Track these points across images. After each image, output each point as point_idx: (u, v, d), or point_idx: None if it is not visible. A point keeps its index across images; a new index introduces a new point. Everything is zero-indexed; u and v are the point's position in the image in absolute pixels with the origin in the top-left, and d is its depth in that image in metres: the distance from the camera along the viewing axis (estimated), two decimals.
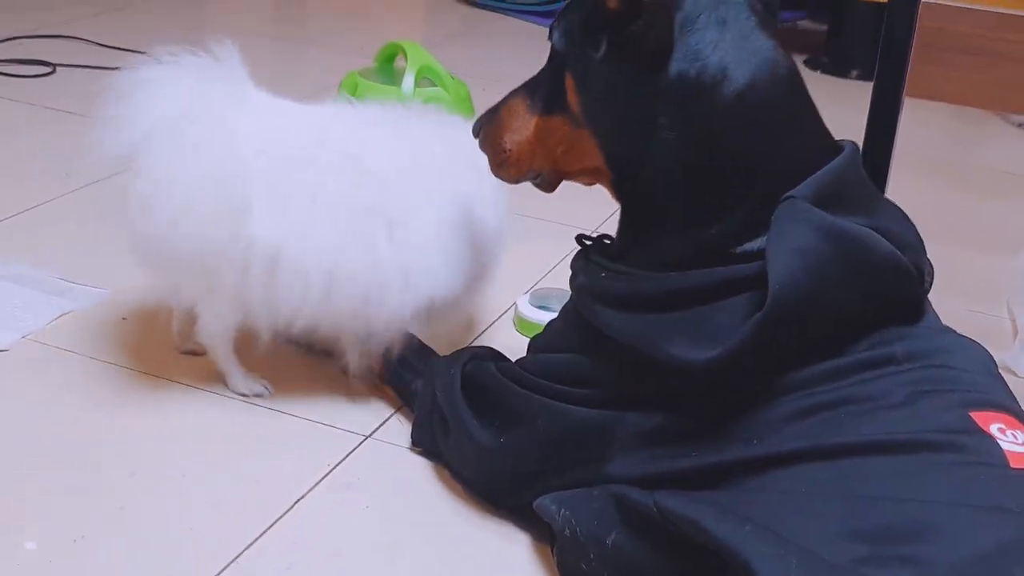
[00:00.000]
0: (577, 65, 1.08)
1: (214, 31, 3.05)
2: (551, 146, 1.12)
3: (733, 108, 1.00)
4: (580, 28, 1.07)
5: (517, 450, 1.12)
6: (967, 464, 0.88)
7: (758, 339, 0.94)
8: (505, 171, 1.18)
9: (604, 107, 1.07)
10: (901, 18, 1.45)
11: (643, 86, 1.02)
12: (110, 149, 1.30)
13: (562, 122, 1.10)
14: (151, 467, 1.22)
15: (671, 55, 1.01)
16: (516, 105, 1.15)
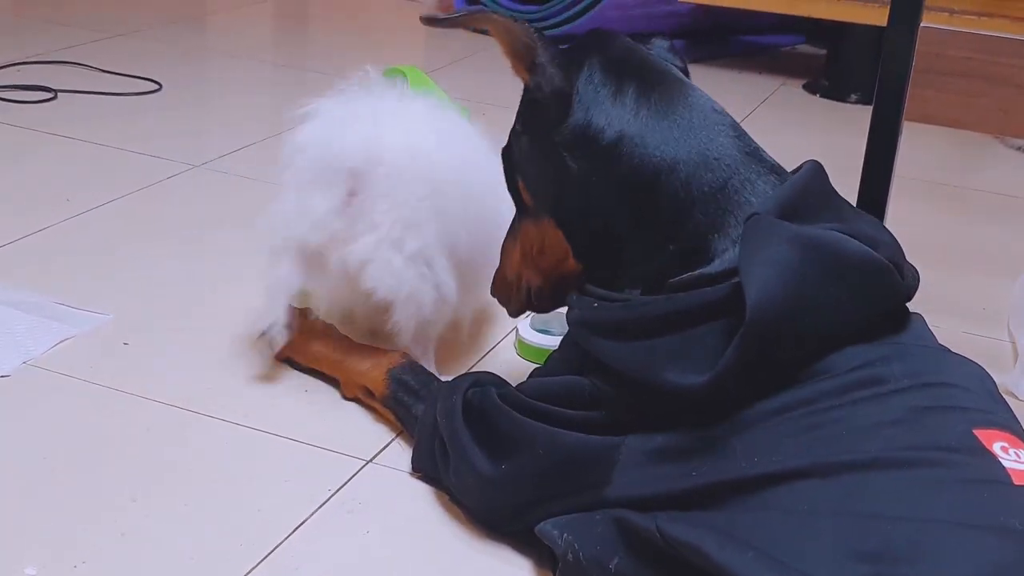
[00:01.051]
0: (518, 163, 1.20)
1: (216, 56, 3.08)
2: (529, 253, 1.22)
3: (638, 144, 1.09)
4: (519, 123, 1.19)
5: (518, 476, 1.12)
6: (970, 482, 0.88)
7: (744, 355, 0.95)
8: (511, 305, 1.31)
9: (539, 181, 1.18)
10: (900, 43, 1.46)
11: (555, 142, 1.13)
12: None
13: (528, 224, 1.21)
14: (152, 493, 1.22)
15: (572, 109, 1.12)
16: (505, 243, 1.28)
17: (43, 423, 1.34)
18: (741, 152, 1.09)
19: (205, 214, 1.96)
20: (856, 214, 1.08)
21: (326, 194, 1.34)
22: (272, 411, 1.38)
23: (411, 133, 1.35)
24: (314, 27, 3.60)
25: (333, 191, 1.34)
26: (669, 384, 1.00)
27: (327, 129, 1.37)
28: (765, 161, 1.10)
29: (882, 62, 1.48)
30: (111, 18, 3.15)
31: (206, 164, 2.17)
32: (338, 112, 1.39)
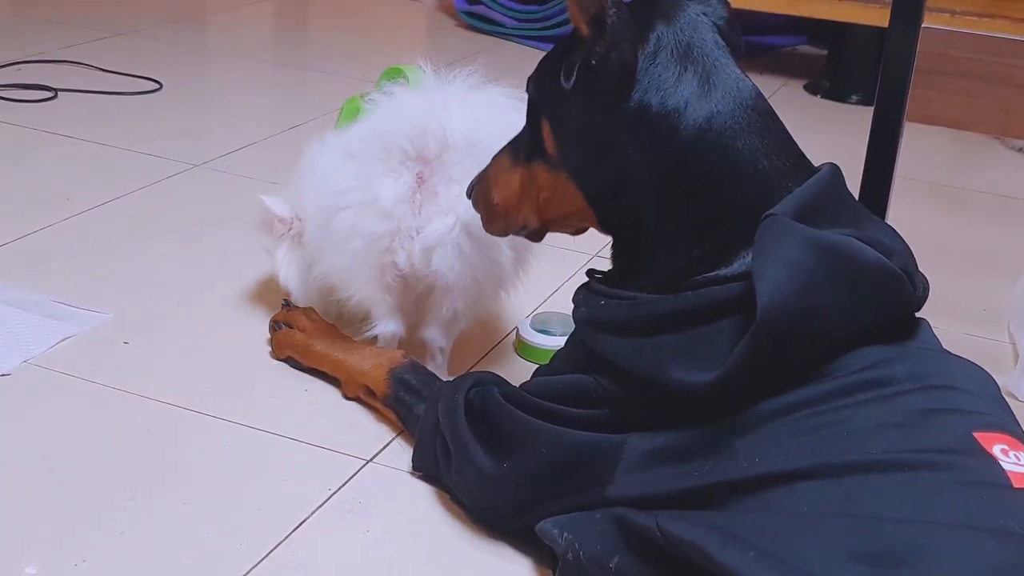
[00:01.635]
0: (551, 107, 1.12)
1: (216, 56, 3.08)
2: (534, 194, 1.16)
3: (696, 136, 1.03)
4: (553, 68, 1.10)
5: (520, 475, 1.12)
6: (970, 485, 0.88)
7: (754, 355, 0.95)
8: (494, 225, 1.23)
9: (577, 143, 1.10)
10: (901, 43, 1.46)
11: (610, 116, 1.06)
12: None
13: (542, 168, 1.14)
14: (152, 492, 1.22)
15: (635, 85, 1.05)
16: (502, 161, 1.20)
17: (43, 422, 1.34)
18: (782, 158, 1.06)
19: (205, 213, 1.96)
20: (871, 220, 1.07)
21: (395, 179, 1.34)
22: (272, 411, 1.38)
23: (475, 119, 1.34)
24: (314, 27, 3.60)
25: (402, 177, 1.33)
26: (676, 382, 1.00)
27: (392, 117, 1.37)
28: (800, 165, 1.07)
29: (883, 63, 1.48)
30: (111, 17, 3.15)
31: (206, 163, 2.17)
32: (401, 101, 1.39)
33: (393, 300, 1.40)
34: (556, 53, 1.13)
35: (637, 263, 1.09)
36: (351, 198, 1.35)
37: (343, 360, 1.42)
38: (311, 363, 1.46)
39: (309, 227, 1.46)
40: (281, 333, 1.49)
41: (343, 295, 1.42)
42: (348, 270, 1.38)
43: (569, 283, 1.70)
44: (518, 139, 1.19)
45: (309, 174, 1.47)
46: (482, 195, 1.22)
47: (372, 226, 1.34)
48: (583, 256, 1.74)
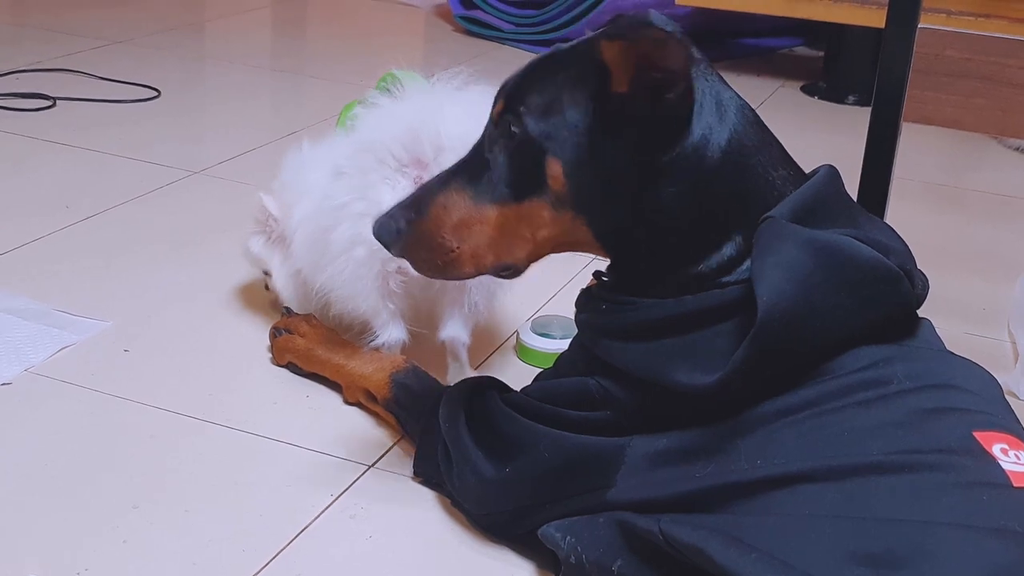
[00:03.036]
0: (564, 148, 1.05)
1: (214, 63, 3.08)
2: (526, 234, 1.09)
3: (720, 161, 1.03)
4: (563, 106, 1.05)
5: (522, 479, 1.12)
6: (970, 485, 0.89)
7: (755, 356, 0.95)
8: (456, 270, 1.11)
9: (600, 186, 1.05)
10: (898, 44, 1.46)
11: (649, 160, 1.03)
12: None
13: (541, 207, 1.07)
14: (154, 499, 1.22)
15: (687, 135, 1.03)
16: (453, 198, 1.10)
17: (44, 430, 1.34)
18: (784, 167, 1.07)
19: (204, 220, 1.96)
20: (869, 220, 1.08)
21: (392, 186, 1.33)
22: (273, 417, 1.38)
23: (468, 117, 1.34)
24: (312, 33, 3.61)
25: (399, 183, 1.33)
26: (678, 384, 1.00)
27: (377, 128, 1.37)
28: (798, 172, 1.08)
29: (880, 64, 1.48)
30: (110, 25, 3.15)
31: (205, 170, 2.17)
32: (385, 111, 1.39)
33: (395, 307, 1.40)
34: (559, 88, 1.06)
35: (640, 274, 1.09)
36: (349, 210, 1.35)
37: (344, 365, 1.42)
38: (312, 369, 1.47)
39: (298, 243, 1.46)
40: (282, 339, 1.49)
41: (344, 308, 1.42)
42: (351, 280, 1.37)
43: (569, 286, 1.70)
44: (470, 173, 1.10)
45: (295, 188, 1.48)
46: (425, 240, 1.10)
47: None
48: (583, 259, 1.74)
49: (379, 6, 3.73)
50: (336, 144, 1.46)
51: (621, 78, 1.01)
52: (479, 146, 1.11)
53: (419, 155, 1.33)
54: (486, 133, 1.11)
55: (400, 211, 1.11)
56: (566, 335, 1.48)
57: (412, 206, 1.11)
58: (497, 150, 1.08)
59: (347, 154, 1.39)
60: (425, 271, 1.13)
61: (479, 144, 1.11)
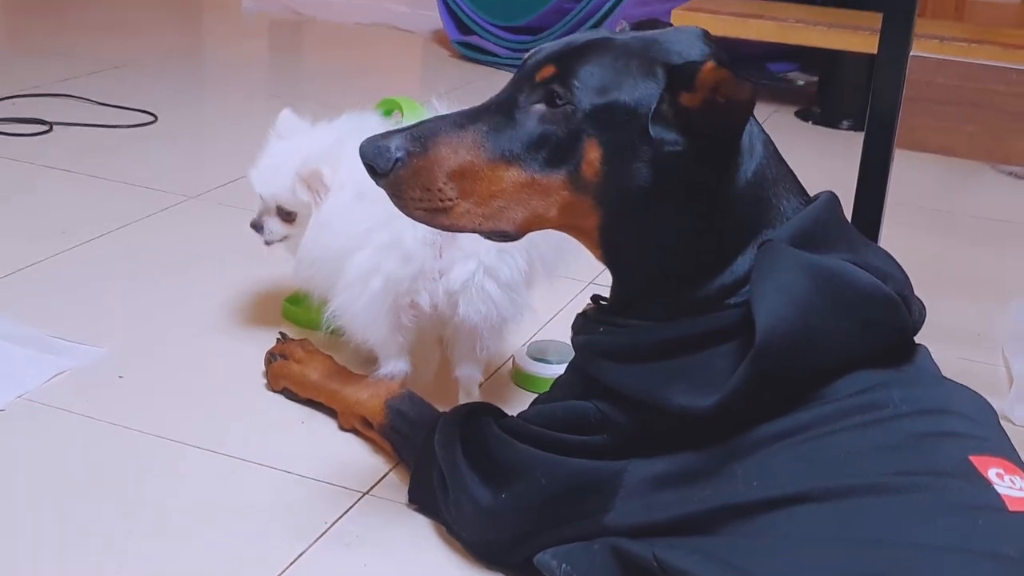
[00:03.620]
0: (614, 139, 1.01)
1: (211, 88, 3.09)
2: (538, 205, 1.04)
3: (742, 191, 1.04)
4: (636, 107, 1.01)
5: (518, 505, 1.12)
6: (965, 508, 0.89)
7: (754, 379, 0.96)
8: (446, 220, 1.04)
9: (629, 184, 1.02)
10: (890, 71, 1.47)
11: (684, 180, 1.03)
12: None
13: (563, 185, 1.03)
14: (148, 527, 1.22)
15: (741, 163, 1.04)
16: (467, 145, 1.03)
17: (38, 457, 1.33)
18: (796, 195, 1.08)
19: (201, 245, 1.97)
20: (867, 246, 1.08)
21: (416, 224, 1.32)
22: (268, 443, 1.38)
23: None
24: (309, 59, 3.62)
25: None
26: (677, 406, 1.00)
27: None
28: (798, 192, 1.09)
29: (873, 91, 1.49)
30: (107, 51, 3.17)
31: (201, 195, 2.17)
32: None
33: (404, 340, 1.40)
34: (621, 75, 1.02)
35: (639, 294, 1.09)
36: (372, 238, 1.35)
37: (339, 391, 1.42)
38: (307, 394, 1.46)
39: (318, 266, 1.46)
40: (277, 365, 1.49)
41: (352, 334, 1.42)
42: (363, 310, 1.37)
43: (565, 311, 1.71)
44: (490, 124, 1.04)
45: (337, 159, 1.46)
46: (423, 177, 1.02)
47: (394, 267, 1.34)
48: (579, 284, 1.74)
49: (376, 32, 3.75)
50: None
51: (698, 98, 1.00)
52: (504, 101, 1.05)
53: None
54: (517, 90, 1.04)
55: (401, 139, 1.03)
56: (562, 360, 1.48)
57: (416, 138, 1.03)
58: (532, 113, 1.03)
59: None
60: (410, 211, 1.05)
61: (504, 98, 1.05)
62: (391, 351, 1.40)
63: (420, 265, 1.33)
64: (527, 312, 1.42)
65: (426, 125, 1.04)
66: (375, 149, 1.03)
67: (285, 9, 3.92)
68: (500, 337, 1.42)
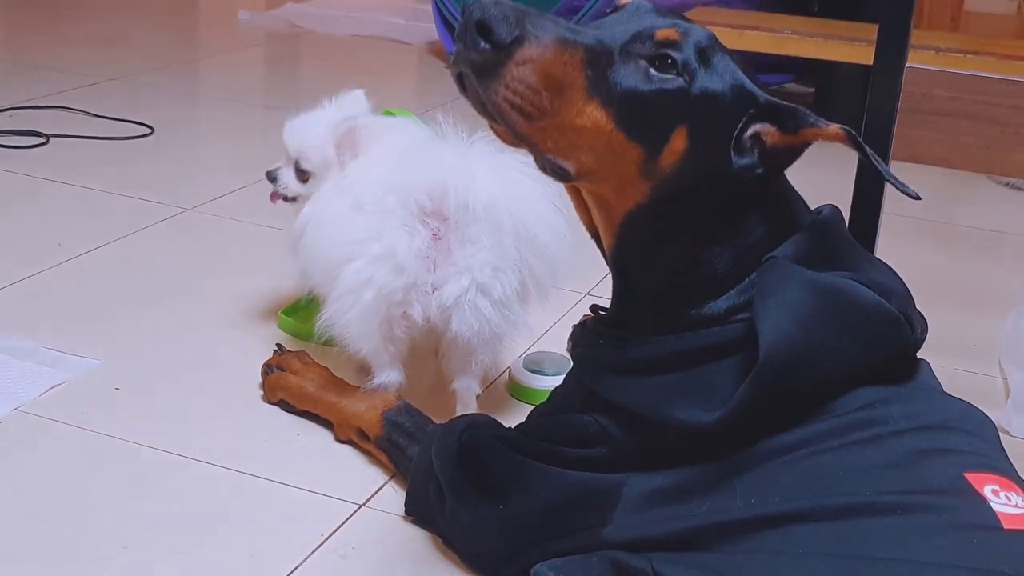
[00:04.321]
0: (705, 137, 0.99)
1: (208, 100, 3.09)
2: (606, 161, 0.98)
3: (770, 212, 1.05)
4: (733, 116, 1.00)
5: (516, 518, 1.12)
6: (961, 527, 0.89)
7: (756, 395, 0.95)
8: (522, 126, 0.93)
9: (697, 190, 1.01)
10: (886, 83, 1.47)
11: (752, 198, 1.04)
12: None
13: (635, 156, 0.98)
14: (144, 540, 1.21)
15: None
16: (574, 62, 0.93)
17: (34, 469, 1.33)
18: (800, 204, 1.09)
19: (197, 258, 1.96)
20: (870, 261, 1.08)
21: (411, 233, 1.33)
22: (265, 455, 1.38)
23: (498, 185, 1.34)
24: (305, 71, 3.62)
25: (418, 233, 1.33)
26: (678, 422, 1.00)
27: (407, 172, 1.37)
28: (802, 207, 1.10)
29: (869, 102, 1.49)
30: (103, 63, 3.17)
31: (198, 208, 2.17)
32: (420, 156, 1.39)
33: (396, 350, 1.40)
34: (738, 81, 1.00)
35: (642, 309, 1.08)
36: (365, 249, 1.35)
37: (336, 403, 1.42)
38: (304, 406, 1.46)
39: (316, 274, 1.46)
40: (273, 376, 1.49)
41: (344, 343, 1.42)
42: (355, 320, 1.37)
43: (561, 323, 1.70)
44: (593, 50, 0.94)
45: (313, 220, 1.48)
46: (525, 80, 0.91)
47: (386, 279, 1.34)
48: (575, 295, 1.74)
49: (372, 43, 3.75)
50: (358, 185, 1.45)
51: (784, 141, 1.01)
52: (610, 37, 0.96)
53: (442, 208, 1.33)
54: (628, 33, 0.97)
55: (519, 15, 0.90)
56: (558, 372, 1.47)
57: (535, 26, 0.91)
58: (641, 67, 0.96)
59: (370, 190, 1.39)
60: (496, 100, 0.91)
61: (611, 35, 0.96)
62: (384, 361, 1.40)
63: (413, 277, 1.33)
64: (522, 328, 1.42)
65: (545, 17, 0.92)
66: (501, 13, 0.89)
67: (281, 22, 3.92)
68: (495, 351, 1.42)
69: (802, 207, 1.09)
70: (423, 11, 3.94)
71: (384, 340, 1.38)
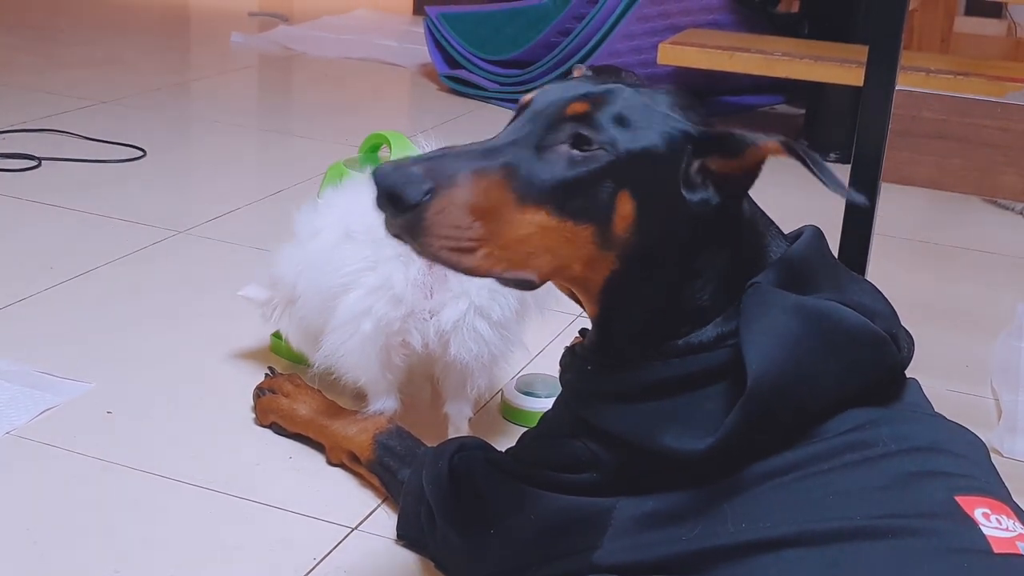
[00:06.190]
0: (649, 193, 0.98)
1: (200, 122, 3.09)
2: (565, 255, 0.99)
3: (744, 243, 1.05)
4: (671, 163, 0.99)
5: (506, 542, 1.11)
6: (950, 551, 0.88)
7: (746, 422, 0.95)
8: (471, 261, 0.95)
9: (654, 245, 1.00)
10: (876, 104, 1.48)
11: (720, 228, 1.03)
12: None
13: (592, 235, 0.98)
14: (135, 564, 1.21)
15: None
16: (495, 182, 0.95)
17: (26, 493, 1.33)
18: (774, 229, 1.08)
19: (189, 280, 1.96)
20: (854, 281, 1.08)
21: (405, 263, 1.33)
22: (257, 479, 1.38)
23: None
24: (298, 93, 3.63)
25: (413, 263, 1.33)
26: (667, 449, 1.00)
27: None
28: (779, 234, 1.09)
29: (859, 124, 1.49)
30: (95, 86, 3.17)
31: (190, 230, 2.17)
32: None
33: (394, 378, 1.40)
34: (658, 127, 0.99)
35: (627, 340, 1.08)
36: (362, 280, 1.35)
37: (327, 426, 1.42)
38: (295, 429, 1.46)
39: (307, 306, 1.46)
40: (265, 399, 1.49)
41: (343, 373, 1.42)
42: (354, 351, 1.37)
43: (554, 344, 1.70)
44: (516, 161, 0.96)
45: (303, 248, 1.47)
46: (453, 214, 0.92)
47: (384, 310, 1.34)
48: (567, 317, 1.74)
49: (365, 66, 3.76)
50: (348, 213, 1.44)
51: (732, 167, 1.00)
52: (527, 137, 0.98)
53: None
54: (540, 126, 0.99)
55: (423, 170, 0.92)
56: (551, 394, 1.47)
57: (441, 171, 0.92)
58: (562, 154, 0.97)
59: (360, 219, 1.38)
60: (433, 251, 0.94)
61: (527, 134, 0.99)
62: (381, 389, 1.40)
63: (411, 306, 1.33)
64: (518, 349, 1.42)
65: (448, 157, 0.95)
66: (403, 177, 0.91)
67: (273, 44, 3.93)
68: (490, 375, 1.42)
69: (772, 229, 1.08)
70: (415, 33, 3.95)
71: (382, 369, 1.38)
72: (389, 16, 4.57)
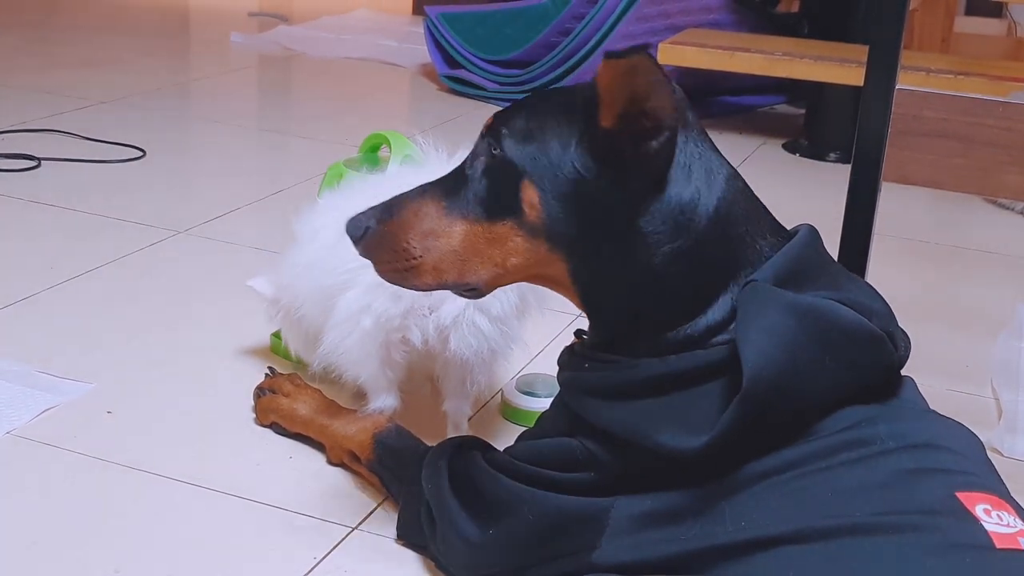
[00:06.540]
0: (547, 177, 1.05)
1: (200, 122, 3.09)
2: (496, 257, 1.08)
3: (707, 228, 1.04)
4: (546, 135, 1.05)
5: (505, 541, 1.12)
6: (952, 547, 0.89)
7: (742, 420, 0.95)
8: (416, 279, 1.10)
9: (577, 223, 1.04)
10: (876, 104, 1.48)
11: (635, 206, 1.03)
12: None
13: (513, 231, 1.06)
14: (136, 563, 1.21)
15: (667, 183, 1.03)
16: (426, 207, 1.10)
17: (26, 493, 1.33)
18: (767, 231, 1.07)
19: (189, 280, 1.96)
20: (850, 280, 1.08)
21: None
22: (257, 478, 1.38)
23: None
24: (298, 93, 3.63)
25: None
26: (664, 447, 1.00)
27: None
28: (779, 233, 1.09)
29: (859, 124, 1.49)
30: (95, 86, 3.17)
31: (190, 230, 2.17)
32: (406, 181, 1.39)
33: (394, 375, 1.40)
34: (546, 115, 1.06)
35: (620, 335, 1.09)
36: (360, 277, 1.35)
37: (327, 425, 1.42)
38: (296, 429, 1.46)
39: (307, 305, 1.46)
40: (265, 399, 1.49)
41: (343, 371, 1.42)
42: (354, 348, 1.37)
43: (553, 344, 1.70)
44: (448, 187, 1.10)
45: (303, 250, 1.47)
46: (390, 241, 1.10)
47: (384, 306, 1.34)
48: (567, 316, 1.74)
49: (364, 66, 3.76)
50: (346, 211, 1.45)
51: (609, 111, 1.01)
52: (461, 164, 1.11)
53: None
54: (471, 152, 1.11)
55: (373, 211, 1.12)
56: (551, 393, 1.47)
57: (386, 208, 1.12)
58: (477, 167, 1.09)
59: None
60: (387, 275, 1.12)
61: (462, 162, 1.11)
62: (381, 386, 1.39)
63: (410, 302, 1.33)
64: (518, 346, 1.42)
65: (396, 196, 1.12)
66: (352, 222, 1.12)
67: (273, 44, 3.93)
68: (490, 371, 1.42)
69: (765, 225, 1.07)
70: (415, 33, 3.96)
71: (382, 366, 1.38)
72: (389, 16, 4.57)
